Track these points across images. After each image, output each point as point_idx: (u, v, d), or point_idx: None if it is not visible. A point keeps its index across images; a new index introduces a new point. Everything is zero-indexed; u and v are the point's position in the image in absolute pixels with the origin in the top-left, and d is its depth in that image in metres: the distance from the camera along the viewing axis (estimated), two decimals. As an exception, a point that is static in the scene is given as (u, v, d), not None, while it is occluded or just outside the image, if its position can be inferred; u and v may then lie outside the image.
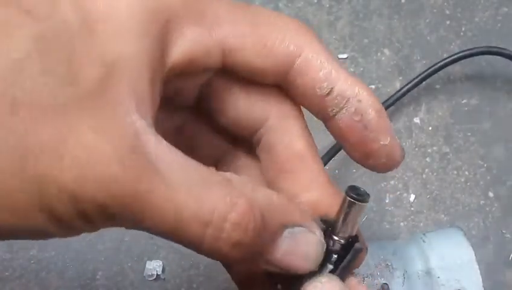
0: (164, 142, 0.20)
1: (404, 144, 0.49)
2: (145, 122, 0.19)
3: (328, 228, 0.24)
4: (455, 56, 0.47)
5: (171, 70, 0.22)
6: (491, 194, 0.49)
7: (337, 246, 0.24)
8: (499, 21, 0.52)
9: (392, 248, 0.40)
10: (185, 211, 0.19)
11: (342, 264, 0.24)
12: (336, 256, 0.24)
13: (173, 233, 0.19)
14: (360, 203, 0.23)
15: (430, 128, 0.50)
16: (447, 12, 0.52)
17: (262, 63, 0.23)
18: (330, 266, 0.24)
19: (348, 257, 0.24)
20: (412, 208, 0.48)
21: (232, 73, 0.24)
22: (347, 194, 0.23)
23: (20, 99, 0.17)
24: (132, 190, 0.18)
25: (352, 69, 0.50)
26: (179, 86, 0.24)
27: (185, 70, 0.22)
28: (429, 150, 0.49)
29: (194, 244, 0.20)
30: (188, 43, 0.22)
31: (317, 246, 0.23)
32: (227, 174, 0.21)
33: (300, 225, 0.23)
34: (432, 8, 0.52)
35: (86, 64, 0.18)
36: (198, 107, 0.26)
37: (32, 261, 0.46)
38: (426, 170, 0.49)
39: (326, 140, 0.48)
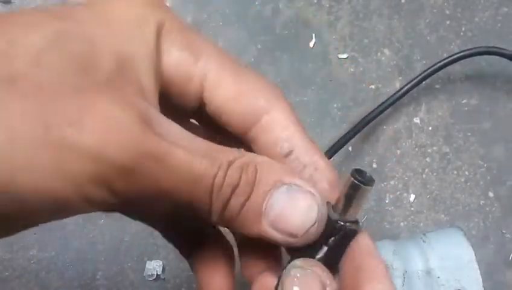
0: (174, 122, 0.22)
1: (404, 144, 0.50)
2: (154, 109, 0.22)
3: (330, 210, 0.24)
4: (455, 56, 0.47)
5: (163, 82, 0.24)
6: (491, 194, 0.49)
7: (336, 230, 0.24)
8: (499, 21, 0.52)
9: (392, 248, 0.40)
10: (199, 170, 0.21)
11: (334, 244, 0.24)
12: (332, 239, 0.24)
13: (187, 192, 0.21)
14: (364, 186, 0.23)
15: (430, 128, 0.50)
16: (447, 12, 0.52)
17: (231, 109, 0.25)
18: (325, 248, 0.24)
19: (341, 239, 0.24)
20: (412, 208, 0.48)
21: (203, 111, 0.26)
22: (352, 175, 0.23)
23: (43, 81, 0.19)
24: (152, 152, 0.20)
25: (352, 69, 0.50)
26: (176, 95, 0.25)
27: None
28: (429, 150, 0.49)
29: (204, 200, 0.22)
30: (173, 63, 0.24)
31: (317, 207, 0.23)
32: (233, 149, 0.23)
33: (299, 185, 0.23)
34: (432, 8, 0.52)
35: (102, 58, 0.21)
36: (200, 111, 0.27)
37: (32, 261, 0.46)
38: (426, 170, 0.49)
39: (326, 139, 0.48)
